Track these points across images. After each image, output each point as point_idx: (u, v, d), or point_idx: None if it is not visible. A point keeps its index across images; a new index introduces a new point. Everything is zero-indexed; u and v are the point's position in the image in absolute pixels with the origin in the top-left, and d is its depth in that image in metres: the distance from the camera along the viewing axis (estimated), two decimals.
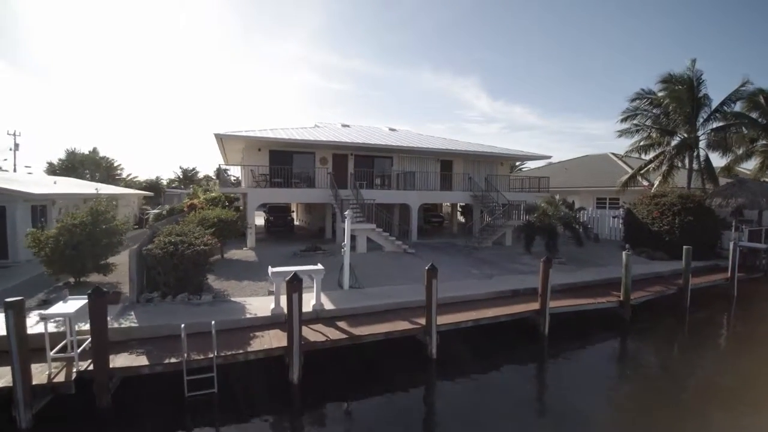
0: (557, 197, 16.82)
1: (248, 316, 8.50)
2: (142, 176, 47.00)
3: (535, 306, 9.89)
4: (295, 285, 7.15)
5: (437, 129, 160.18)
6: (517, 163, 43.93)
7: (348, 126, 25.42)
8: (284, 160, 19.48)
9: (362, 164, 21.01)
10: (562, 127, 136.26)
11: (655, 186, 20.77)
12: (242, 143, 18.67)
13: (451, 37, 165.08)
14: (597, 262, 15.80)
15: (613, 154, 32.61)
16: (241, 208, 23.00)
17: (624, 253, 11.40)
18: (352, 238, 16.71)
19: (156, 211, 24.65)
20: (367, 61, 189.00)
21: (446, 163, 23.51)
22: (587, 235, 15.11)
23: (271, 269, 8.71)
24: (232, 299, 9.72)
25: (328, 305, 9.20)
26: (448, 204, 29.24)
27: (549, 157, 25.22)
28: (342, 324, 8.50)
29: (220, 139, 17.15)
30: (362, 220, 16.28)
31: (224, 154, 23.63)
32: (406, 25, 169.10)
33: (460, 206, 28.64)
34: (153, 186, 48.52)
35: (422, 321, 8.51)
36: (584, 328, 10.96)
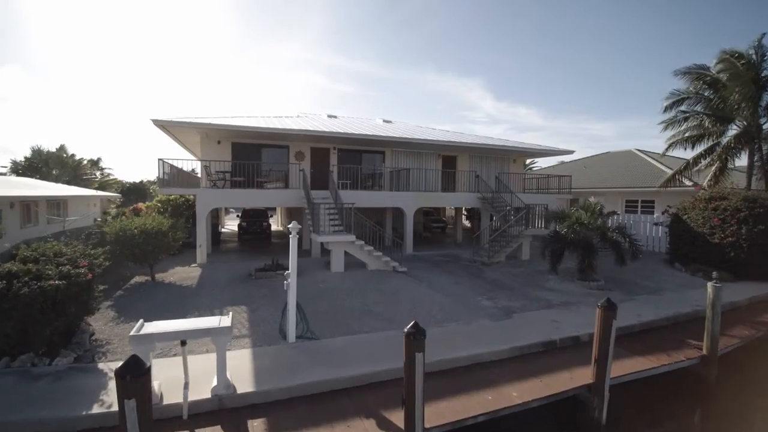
0: (593, 200, 13.05)
1: (96, 410, 4.89)
2: (135, 177, 43.64)
3: (585, 377, 6.20)
4: (132, 384, 3.53)
5: None
6: (527, 161, 40.15)
7: (335, 117, 21.83)
8: (251, 155, 15.94)
9: (347, 160, 17.42)
10: (568, 128, 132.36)
11: (704, 185, 16.97)
12: (195, 134, 15.14)
13: (456, 39, 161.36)
14: (645, 285, 12.05)
15: (639, 150, 28.83)
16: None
17: (710, 284, 7.66)
18: (326, 252, 13.14)
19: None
20: (372, 63, 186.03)
21: (449, 160, 19.84)
22: (635, 252, 11.34)
23: (139, 326, 5.05)
24: (101, 365, 6.13)
25: (245, 383, 5.57)
26: (452, 207, 25.60)
27: (571, 152, 21.50)
28: (259, 425, 4.88)
29: (163, 127, 13.63)
30: (340, 229, 12.67)
31: (190, 150, 20.20)
32: (410, 26, 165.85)
33: (466, 210, 24.98)
34: (136, 188, 45.27)
35: (399, 418, 4.86)
36: (650, 399, 7.27)
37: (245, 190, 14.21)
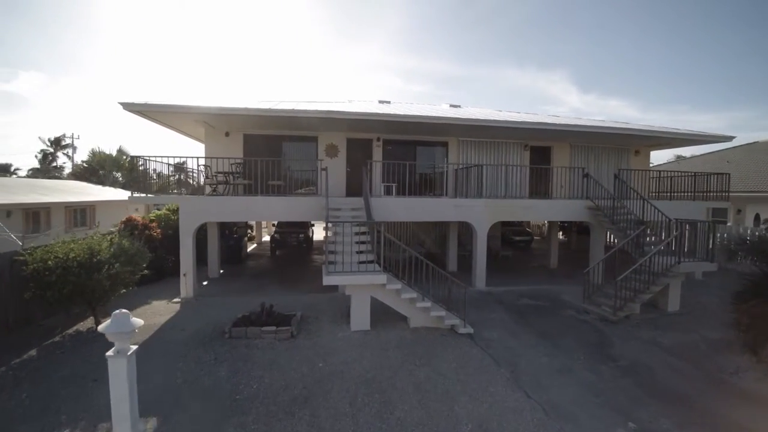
0: None
1: None
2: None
3: None
4: None
5: None
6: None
7: (387, 102, 17.33)
8: (269, 150, 12.15)
9: (397, 154, 12.88)
10: (666, 121, 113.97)
11: None
12: (194, 124, 11.60)
13: (535, 32, 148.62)
14: None
15: None
16: (235, 229, 16.22)
17: None
18: (346, 297, 8.67)
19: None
20: (447, 62, 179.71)
21: (540, 152, 14.32)
22: None
23: None
24: None
25: None
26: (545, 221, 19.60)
27: (729, 138, 14.53)
28: None
29: (141, 113, 10.19)
30: (369, 260, 8.11)
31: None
32: (486, 22, 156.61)
33: (563, 222, 18.93)
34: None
35: None
36: None
37: (249, 198, 10.32)
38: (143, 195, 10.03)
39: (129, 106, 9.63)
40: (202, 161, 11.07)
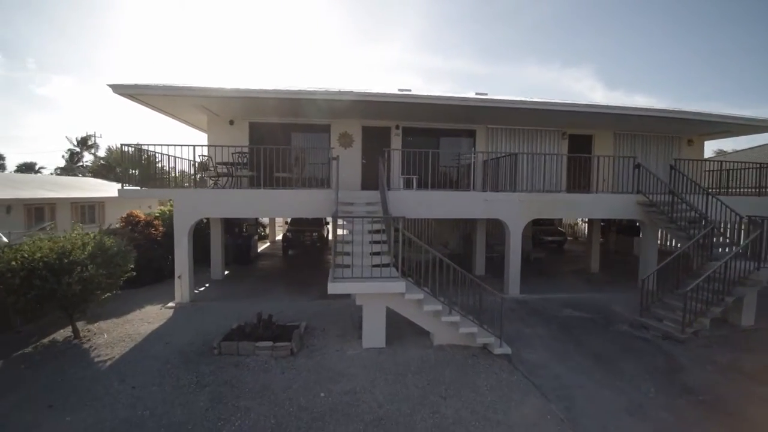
0: None
1: None
2: None
3: None
4: None
5: None
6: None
7: (408, 90, 15.99)
8: (276, 140, 11.04)
9: (417, 145, 11.58)
10: None
11: None
12: (195, 110, 10.56)
13: (558, 28, 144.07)
14: None
15: None
16: (245, 227, 15.22)
17: None
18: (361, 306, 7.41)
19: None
20: (468, 60, 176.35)
21: (580, 141, 12.77)
22: None
23: None
24: None
25: None
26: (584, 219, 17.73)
27: None
28: None
29: (132, 96, 9.17)
30: (385, 263, 6.88)
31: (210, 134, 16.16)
32: (507, 19, 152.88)
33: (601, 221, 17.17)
34: None
35: None
36: None
37: (250, 191, 9.24)
38: (136, 188, 9.08)
39: (119, 89, 8.65)
40: (200, 150, 9.99)
